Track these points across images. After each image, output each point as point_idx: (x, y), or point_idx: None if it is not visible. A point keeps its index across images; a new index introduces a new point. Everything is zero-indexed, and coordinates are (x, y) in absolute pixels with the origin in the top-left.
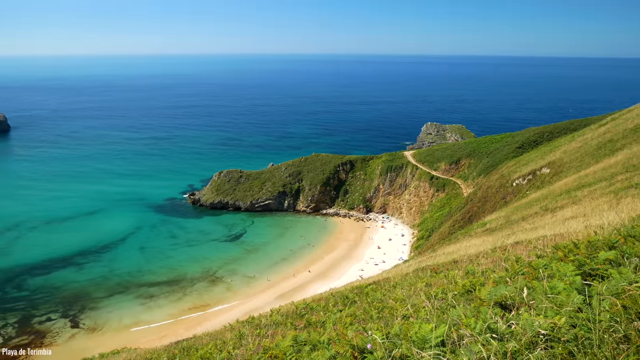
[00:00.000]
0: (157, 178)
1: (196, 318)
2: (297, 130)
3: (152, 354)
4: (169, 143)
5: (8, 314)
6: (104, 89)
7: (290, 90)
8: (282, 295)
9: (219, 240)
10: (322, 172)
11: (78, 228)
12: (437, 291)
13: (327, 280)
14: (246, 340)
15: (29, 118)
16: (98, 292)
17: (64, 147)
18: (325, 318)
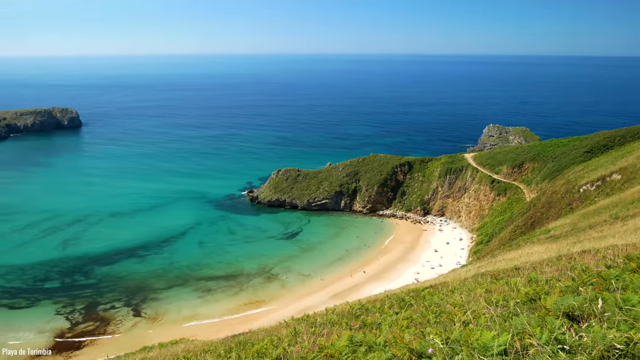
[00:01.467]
0: (217, 175)
1: (251, 313)
2: (355, 131)
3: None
4: (228, 142)
5: (76, 301)
6: (166, 87)
7: (347, 90)
8: (336, 294)
9: (275, 238)
10: (380, 173)
11: (141, 222)
12: (498, 298)
13: (382, 282)
14: (301, 338)
15: (98, 115)
16: (159, 283)
17: (129, 144)
18: (380, 320)
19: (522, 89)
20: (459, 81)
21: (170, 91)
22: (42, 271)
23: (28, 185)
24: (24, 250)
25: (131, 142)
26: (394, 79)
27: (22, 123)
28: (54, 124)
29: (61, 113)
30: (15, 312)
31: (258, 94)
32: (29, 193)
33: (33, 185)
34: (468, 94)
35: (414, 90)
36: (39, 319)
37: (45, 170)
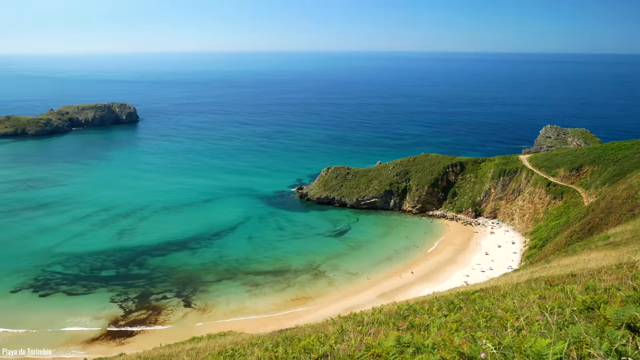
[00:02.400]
0: (266, 172)
1: (298, 308)
2: (405, 130)
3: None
4: (278, 139)
5: (130, 290)
6: (219, 84)
7: (398, 88)
8: (383, 294)
9: (323, 235)
10: (431, 173)
11: (193, 216)
12: (553, 305)
13: (430, 283)
14: (348, 336)
15: (154, 110)
16: (208, 276)
17: (180, 140)
18: (429, 322)
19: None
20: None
21: (223, 88)
22: (98, 260)
23: (87, 177)
24: (82, 240)
25: (183, 138)
26: (450, 77)
27: (83, 117)
28: (112, 119)
29: (120, 108)
30: (74, 298)
31: (307, 91)
32: (88, 185)
33: (92, 178)
34: (520, 93)
35: (469, 89)
36: (95, 305)
37: (103, 163)
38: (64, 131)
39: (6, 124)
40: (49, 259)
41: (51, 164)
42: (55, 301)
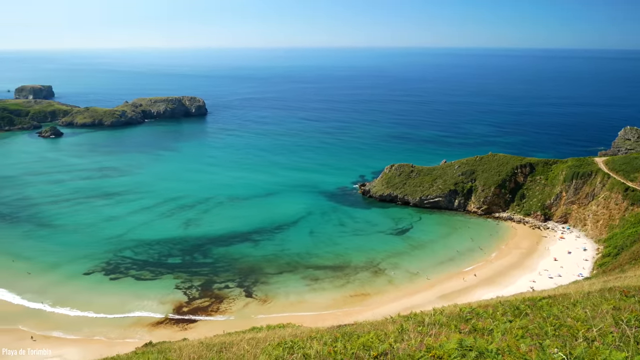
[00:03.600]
0: (329, 167)
1: (357, 305)
2: (472, 128)
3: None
4: (342, 134)
5: (194, 277)
6: (284, 79)
7: (463, 85)
8: (444, 295)
9: (385, 233)
10: (498, 173)
11: (256, 208)
12: (629, 317)
13: (493, 287)
14: (408, 336)
15: (221, 104)
16: (270, 268)
17: (245, 135)
18: (492, 326)
19: None
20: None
21: (285, 83)
22: (165, 247)
23: (157, 168)
24: (151, 227)
25: (246, 133)
26: (519, 74)
27: (155, 110)
28: (182, 112)
29: (190, 102)
30: (141, 282)
31: (369, 87)
32: (157, 175)
33: (161, 168)
34: (602, 93)
35: (540, 88)
36: (161, 291)
37: (172, 154)
38: (137, 122)
39: (85, 114)
40: (120, 244)
41: (124, 154)
42: (124, 285)
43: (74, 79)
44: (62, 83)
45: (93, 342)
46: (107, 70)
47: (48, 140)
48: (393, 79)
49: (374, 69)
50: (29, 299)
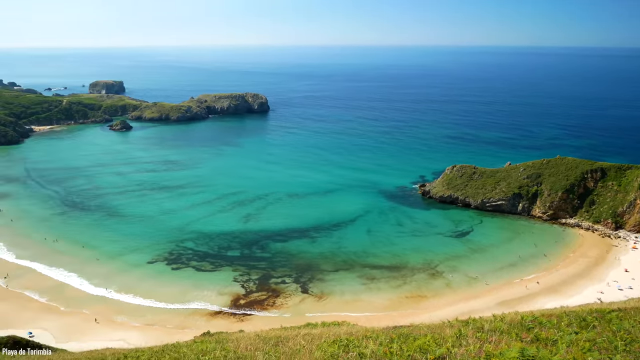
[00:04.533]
0: (389, 166)
1: (412, 307)
2: (539, 130)
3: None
4: (402, 134)
5: (252, 271)
6: (343, 78)
7: (532, 85)
8: (504, 302)
9: (444, 235)
10: (566, 178)
11: (315, 206)
12: None
13: (557, 296)
14: (466, 341)
15: (283, 102)
16: (326, 265)
17: (304, 133)
18: (557, 337)
19: None
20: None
21: (344, 81)
22: (225, 240)
23: (219, 162)
24: (212, 220)
25: (306, 131)
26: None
27: (219, 106)
28: (245, 108)
29: (252, 98)
30: (201, 273)
31: (428, 87)
32: (220, 169)
33: (223, 163)
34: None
35: (613, 88)
36: (219, 282)
37: (234, 150)
38: (201, 118)
39: (153, 109)
40: (183, 235)
41: (188, 148)
42: (185, 275)
43: (142, 75)
44: (133, 79)
45: (154, 329)
46: (173, 66)
47: (118, 133)
48: (449, 78)
49: (427, 67)
50: (95, 285)
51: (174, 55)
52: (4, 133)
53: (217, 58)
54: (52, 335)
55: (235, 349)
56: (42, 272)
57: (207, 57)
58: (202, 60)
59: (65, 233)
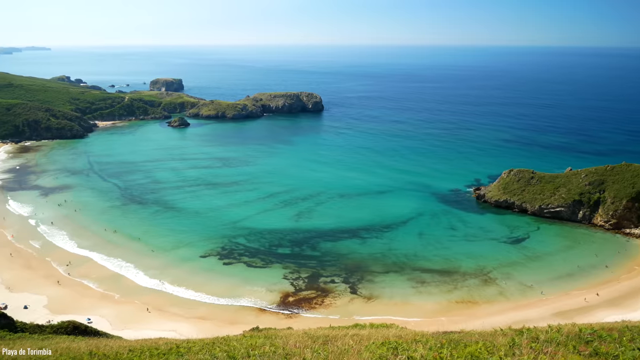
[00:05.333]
0: (444, 168)
1: (463, 313)
2: (605, 135)
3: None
4: (459, 135)
5: (302, 269)
6: (401, 78)
7: (594, 87)
8: (561, 313)
9: (498, 240)
10: (632, 185)
11: (366, 206)
12: None
13: (618, 310)
14: (519, 351)
15: (337, 101)
16: (376, 266)
17: (359, 134)
18: (618, 352)
19: None
20: None
21: (401, 81)
22: (276, 237)
23: (273, 160)
24: (264, 217)
25: (360, 132)
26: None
27: (274, 104)
28: (300, 107)
29: (307, 97)
30: (252, 269)
31: (488, 88)
32: (273, 167)
33: (277, 161)
34: None
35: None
36: (269, 279)
37: (288, 148)
38: (256, 116)
39: (210, 107)
40: (235, 231)
41: (243, 145)
42: (236, 270)
43: (200, 73)
44: (191, 77)
45: (204, 322)
46: (230, 65)
47: (176, 130)
48: (505, 80)
49: (493, 68)
50: (150, 276)
51: (231, 54)
52: (69, 127)
53: (272, 57)
54: (109, 322)
55: (284, 346)
56: (101, 261)
57: (262, 55)
58: (258, 58)
59: (123, 225)
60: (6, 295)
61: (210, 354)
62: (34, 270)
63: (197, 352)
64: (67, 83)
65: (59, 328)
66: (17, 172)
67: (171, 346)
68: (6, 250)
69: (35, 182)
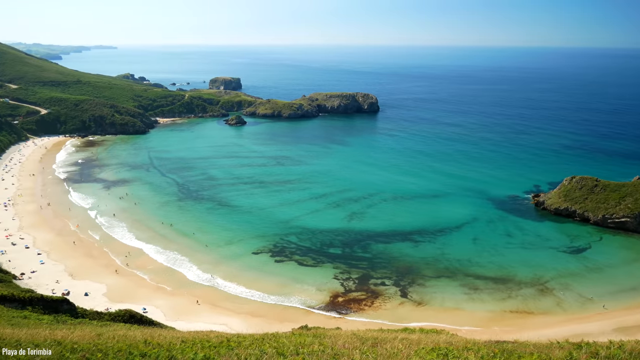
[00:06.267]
0: (502, 173)
1: (517, 323)
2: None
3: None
4: (518, 139)
5: (352, 270)
6: (459, 79)
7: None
8: (623, 328)
9: (557, 250)
10: None
11: (420, 208)
12: None
13: None
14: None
15: (393, 102)
16: (427, 270)
17: (414, 137)
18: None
19: None
20: None
21: (458, 83)
22: (328, 237)
23: (327, 160)
24: (316, 217)
25: (415, 135)
26: None
27: (329, 104)
28: (355, 107)
29: (363, 98)
30: (303, 268)
31: (546, 91)
32: (327, 167)
33: (330, 161)
34: None
35: None
36: (319, 278)
37: (342, 148)
38: (312, 116)
39: (266, 106)
40: (287, 229)
41: (298, 144)
42: (287, 268)
43: (258, 72)
44: (248, 76)
45: (254, 317)
46: (286, 65)
47: (233, 128)
48: (566, 82)
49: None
50: (203, 270)
51: (287, 53)
52: (132, 123)
53: (328, 57)
54: (163, 313)
55: (332, 345)
56: (156, 254)
57: (319, 55)
58: (314, 59)
59: (179, 219)
60: (69, 282)
61: (260, 350)
62: (95, 259)
63: (247, 347)
64: (131, 81)
65: (117, 316)
66: (82, 165)
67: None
68: (70, 239)
69: (99, 175)
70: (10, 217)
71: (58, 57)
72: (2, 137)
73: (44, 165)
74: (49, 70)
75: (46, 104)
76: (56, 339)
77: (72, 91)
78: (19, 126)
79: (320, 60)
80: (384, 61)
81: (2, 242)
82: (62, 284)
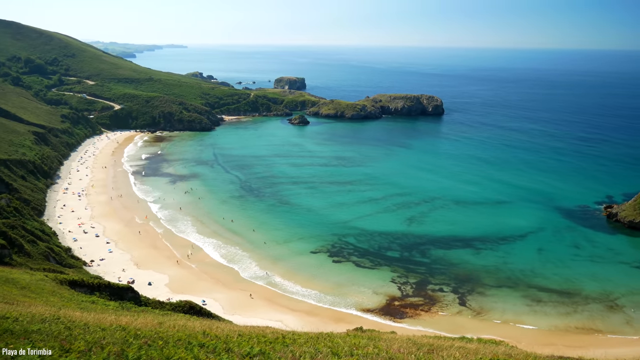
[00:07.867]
0: (572, 182)
1: (582, 340)
2: None
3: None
4: (593, 146)
5: (410, 274)
6: (530, 83)
7: None
8: None
9: (630, 265)
10: None
11: (483, 215)
12: None
13: None
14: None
15: (458, 106)
16: (488, 279)
17: (479, 143)
18: None
19: None
20: None
21: (529, 87)
22: (386, 240)
23: (389, 162)
24: (375, 219)
25: (480, 140)
26: None
27: (393, 106)
28: (419, 110)
29: (427, 100)
30: (360, 269)
31: (623, 97)
32: (388, 169)
33: (392, 163)
34: None
35: None
36: (376, 281)
37: (404, 151)
38: (375, 117)
39: (330, 106)
40: (346, 230)
41: (360, 145)
42: (344, 268)
43: (322, 72)
44: (313, 76)
45: (309, 316)
46: (350, 65)
47: (296, 127)
48: None
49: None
50: (261, 267)
51: (352, 54)
52: (199, 120)
53: (392, 58)
54: (221, 307)
55: (387, 349)
56: (217, 248)
57: (382, 56)
58: (379, 59)
59: (241, 216)
60: (134, 271)
61: (314, 348)
62: (159, 250)
63: (302, 345)
64: (199, 79)
65: (177, 306)
66: (151, 160)
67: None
68: (136, 230)
69: (165, 169)
70: (83, 207)
71: (132, 55)
72: (78, 131)
73: (115, 159)
74: (124, 68)
75: (120, 99)
76: (121, 324)
77: (144, 88)
78: (94, 120)
79: (384, 62)
80: (449, 62)
81: (75, 230)
82: (127, 272)
